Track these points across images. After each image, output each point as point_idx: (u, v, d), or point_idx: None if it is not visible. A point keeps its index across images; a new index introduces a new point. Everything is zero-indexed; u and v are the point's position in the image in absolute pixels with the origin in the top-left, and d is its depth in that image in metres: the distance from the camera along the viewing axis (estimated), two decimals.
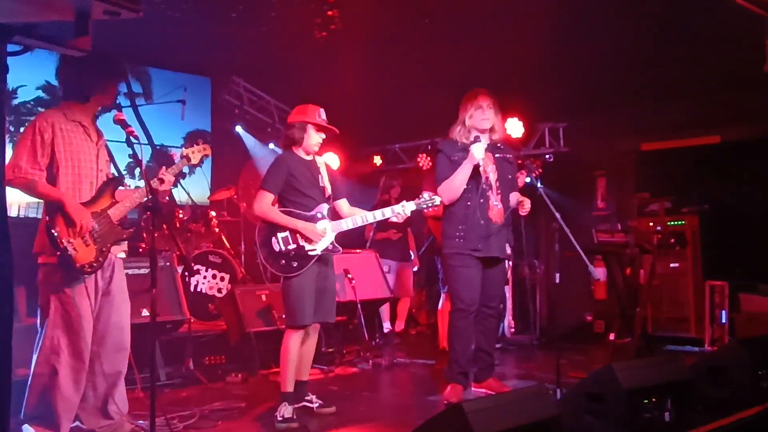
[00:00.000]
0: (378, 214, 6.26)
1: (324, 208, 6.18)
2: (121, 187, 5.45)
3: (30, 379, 5.06)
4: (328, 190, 6.31)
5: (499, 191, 6.71)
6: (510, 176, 6.88)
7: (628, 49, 9.22)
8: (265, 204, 6.05)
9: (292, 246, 5.98)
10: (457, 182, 6.57)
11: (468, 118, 6.76)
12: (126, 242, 5.41)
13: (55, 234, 4.89)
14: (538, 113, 11.02)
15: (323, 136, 6.30)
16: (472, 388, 6.91)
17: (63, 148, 5.07)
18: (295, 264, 5.97)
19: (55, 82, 10.77)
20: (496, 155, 6.80)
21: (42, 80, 10.81)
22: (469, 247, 6.60)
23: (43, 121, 5.05)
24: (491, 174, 6.72)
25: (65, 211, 4.95)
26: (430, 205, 6.30)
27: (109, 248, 5.18)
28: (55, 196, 4.98)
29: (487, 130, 6.73)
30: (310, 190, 6.16)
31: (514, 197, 6.82)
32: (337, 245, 6.17)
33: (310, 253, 6.01)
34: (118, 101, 11.49)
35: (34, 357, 5.08)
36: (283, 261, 5.98)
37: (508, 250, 6.86)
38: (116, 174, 5.55)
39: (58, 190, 5.02)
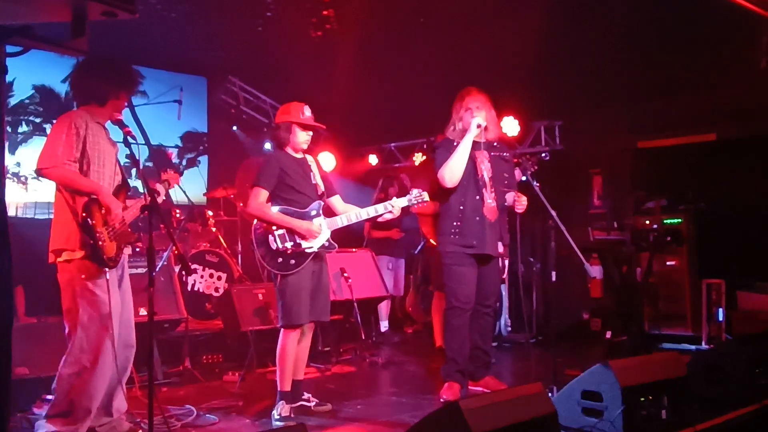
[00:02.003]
0: (371, 211, 6.27)
1: (318, 205, 6.19)
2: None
3: (57, 380, 5.13)
4: (321, 188, 6.31)
5: (493, 189, 6.73)
6: (506, 174, 6.88)
7: (624, 47, 9.23)
8: (261, 201, 6.04)
9: (289, 243, 5.97)
10: (458, 158, 6.59)
11: (458, 120, 6.79)
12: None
13: (91, 223, 5.01)
14: (533, 111, 11.02)
15: (310, 133, 6.31)
16: (469, 387, 6.92)
17: (92, 146, 5.20)
18: (292, 262, 5.98)
19: (48, 82, 10.87)
20: (492, 153, 6.82)
21: (35, 79, 10.81)
22: (464, 243, 6.63)
23: (77, 118, 5.19)
24: (485, 172, 6.75)
25: (100, 201, 5.09)
26: (419, 200, 6.33)
27: (122, 248, 5.31)
28: (92, 187, 5.11)
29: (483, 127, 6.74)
30: (303, 187, 6.17)
31: (511, 196, 6.82)
32: (332, 242, 6.19)
33: (307, 250, 6.02)
34: None
35: (63, 359, 5.14)
36: (281, 259, 5.98)
37: (501, 249, 6.87)
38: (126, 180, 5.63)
39: (94, 182, 5.16)
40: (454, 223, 6.69)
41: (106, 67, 5.35)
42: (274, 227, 6.01)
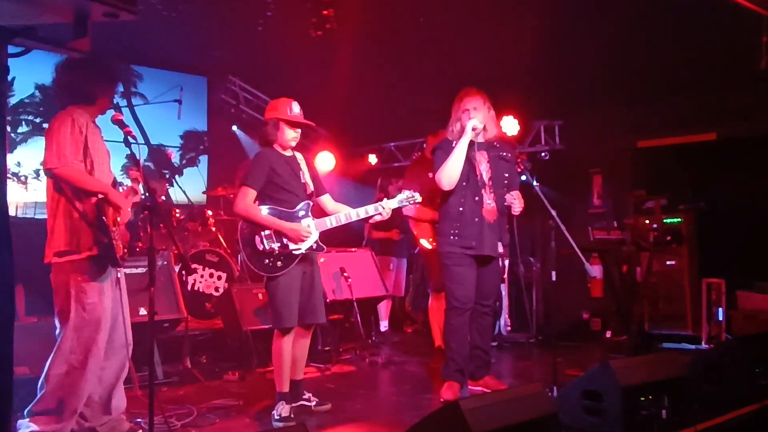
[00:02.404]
0: (361, 212, 6.21)
1: (306, 205, 6.13)
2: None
3: (45, 378, 5.08)
4: (310, 187, 6.24)
5: (492, 190, 6.72)
6: (506, 174, 6.87)
7: (624, 47, 9.22)
8: (248, 201, 5.96)
9: (276, 245, 5.91)
10: (454, 161, 6.59)
11: (457, 120, 6.78)
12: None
13: (106, 221, 4.99)
14: (533, 111, 11.03)
15: (299, 131, 6.24)
16: (469, 386, 6.92)
17: (93, 145, 5.17)
18: (279, 263, 5.92)
19: (50, 81, 10.85)
20: (491, 154, 6.81)
21: (37, 77, 10.79)
22: (464, 244, 6.63)
23: (79, 117, 5.14)
24: (484, 173, 6.74)
25: (109, 200, 5.07)
26: (411, 202, 6.33)
27: (125, 247, 5.27)
28: (100, 186, 5.08)
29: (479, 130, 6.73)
30: (292, 186, 6.09)
31: (509, 197, 6.82)
32: (321, 243, 6.11)
33: (294, 252, 5.95)
34: (115, 101, 11.53)
35: (51, 357, 5.11)
36: (267, 260, 5.92)
37: (500, 249, 6.86)
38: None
39: (102, 182, 5.13)
40: (454, 224, 6.69)
41: (92, 65, 5.29)
42: (261, 227, 5.96)
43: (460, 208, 6.66)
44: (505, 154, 6.90)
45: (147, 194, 5.02)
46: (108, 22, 2.47)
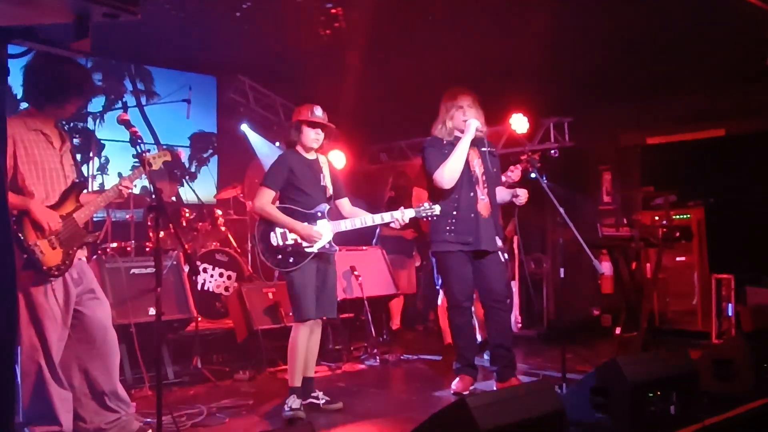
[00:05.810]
0: (377, 218, 6.33)
1: (324, 207, 6.24)
2: (85, 191, 5.39)
3: (19, 379, 4.99)
4: (330, 190, 6.37)
5: (485, 185, 6.81)
6: (495, 170, 6.96)
7: (632, 44, 9.21)
8: (265, 201, 6.13)
9: (289, 242, 6.06)
10: (456, 160, 6.65)
11: (449, 119, 6.83)
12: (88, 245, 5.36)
13: (22, 237, 4.86)
14: (543, 108, 11.01)
15: (320, 132, 6.32)
16: (495, 388, 6.86)
17: (26, 159, 5.00)
18: (291, 260, 6.05)
19: None
20: (482, 149, 6.86)
21: None
22: (460, 240, 6.68)
23: (13, 128, 4.98)
24: (477, 168, 6.82)
25: (31, 216, 4.91)
26: (429, 214, 6.34)
27: (75, 251, 5.14)
28: (22, 206, 4.91)
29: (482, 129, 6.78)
30: (311, 188, 6.22)
31: (501, 192, 6.90)
32: (333, 245, 6.24)
33: (306, 249, 6.08)
34: (124, 100, 11.52)
35: (19, 357, 5.06)
36: (280, 256, 6.06)
37: (499, 243, 6.88)
38: (80, 178, 5.45)
39: (23, 197, 4.95)
40: (449, 221, 6.72)
41: (47, 68, 5.09)
42: (276, 224, 6.09)
43: (455, 204, 6.71)
44: (492, 150, 6.99)
45: (154, 195, 4.99)
46: (115, 22, 2.47)
